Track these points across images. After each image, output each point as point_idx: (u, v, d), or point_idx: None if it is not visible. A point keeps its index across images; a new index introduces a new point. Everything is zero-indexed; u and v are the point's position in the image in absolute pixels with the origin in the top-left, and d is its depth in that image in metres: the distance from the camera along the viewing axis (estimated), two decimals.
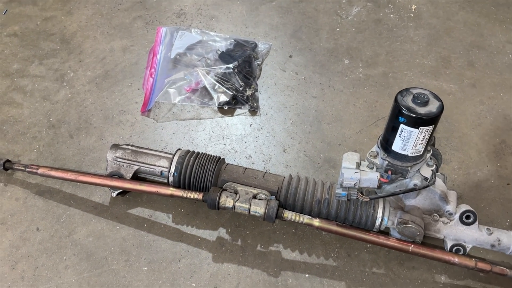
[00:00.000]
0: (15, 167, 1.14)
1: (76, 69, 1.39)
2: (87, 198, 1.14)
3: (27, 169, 1.12)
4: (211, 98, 1.30)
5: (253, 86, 1.31)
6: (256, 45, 1.40)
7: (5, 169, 1.15)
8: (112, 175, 1.10)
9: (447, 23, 1.52)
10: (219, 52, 1.37)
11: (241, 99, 1.29)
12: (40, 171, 1.11)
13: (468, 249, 1.03)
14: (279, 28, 1.51)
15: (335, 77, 1.39)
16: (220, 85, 1.29)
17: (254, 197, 1.02)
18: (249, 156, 1.23)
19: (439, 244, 1.05)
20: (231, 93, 1.29)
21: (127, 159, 1.10)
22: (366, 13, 1.55)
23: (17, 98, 1.32)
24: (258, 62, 1.38)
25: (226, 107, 1.30)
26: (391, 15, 1.55)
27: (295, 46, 1.46)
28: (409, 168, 0.94)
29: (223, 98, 1.29)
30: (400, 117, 0.88)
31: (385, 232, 1.04)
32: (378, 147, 0.97)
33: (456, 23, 1.53)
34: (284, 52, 1.45)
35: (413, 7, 1.54)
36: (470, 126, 1.29)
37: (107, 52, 1.44)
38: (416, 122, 0.87)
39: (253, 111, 1.31)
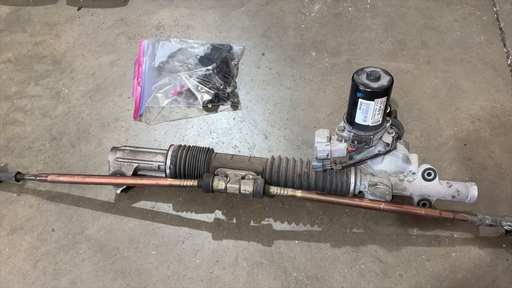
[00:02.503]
0: (26, 177, 1.26)
1: (70, 86, 1.52)
2: (94, 198, 1.27)
3: (37, 178, 1.24)
4: (196, 98, 1.44)
5: (232, 84, 1.46)
6: (231, 47, 1.55)
7: (17, 180, 1.27)
8: (115, 174, 1.23)
9: (400, 10, 1.69)
10: (198, 57, 1.51)
11: (222, 96, 1.43)
12: (49, 178, 1.23)
13: (433, 202, 1.18)
14: (250, 30, 1.66)
15: (305, 69, 1.54)
16: (202, 86, 1.43)
17: (243, 178, 1.16)
18: (235, 146, 1.37)
19: (408, 202, 1.20)
20: (213, 92, 1.43)
21: (127, 158, 1.23)
22: (327, 9, 1.71)
23: (19, 117, 1.45)
24: (235, 62, 1.53)
25: (210, 105, 1.44)
26: (350, 8, 1.71)
27: (266, 45, 1.61)
28: (372, 136, 1.09)
29: (207, 97, 1.43)
30: (358, 93, 1.03)
31: (360, 197, 1.19)
32: (344, 122, 1.12)
33: (408, 9, 1.69)
34: (257, 51, 1.60)
35: None
36: (427, 98, 1.45)
37: (96, 67, 1.57)
38: (371, 95, 1.02)
39: (235, 106, 1.45)
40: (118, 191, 1.26)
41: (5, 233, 1.21)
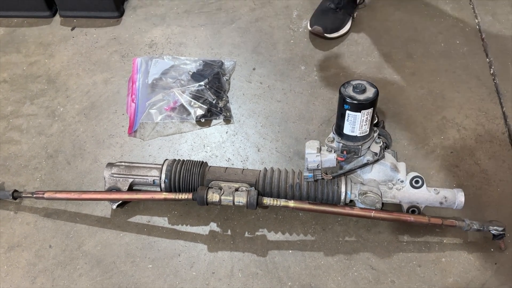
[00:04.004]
0: (23, 195, 1.28)
1: (65, 104, 1.55)
2: (90, 214, 1.29)
3: (34, 195, 1.26)
4: (189, 113, 1.47)
5: (224, 98, 1.50)
6: (222, 63, 1.59)
7: (14, 198, 1.29)
8: (110, 190, 1.25)
9: (385, 24, 1.75)
10: (191, 73, 1.55)
11: (215, 111, 1.47)
12: (46, 195, 1.25)
13: (422, 209, 1.21)
14: (240, 46, 1.70)
15: (295, 82, 1.58)
16: (195, 101, 1.47)
17: (237, 190, 1.19)
18: (229, 159, 1.41)
19: (398, 209, 1.23)
20: (206, 107, 1.46)
21: (122, 174, 1.26)
22: None
23: (15, 136, 1.47)
24: (226, 78, 1.57)
25: (203, 120, 1.47)
26: None
27: (257, 60, 1.66)
28: (360, 146, 1.13)
29: (199, 112, 1.46)
30: (345, 105, 1.07)
31: (351, 206, 1.22)
32: (333, 133, 1.16)
33: (393, 23, 1.75)
34: (248, 66, 1.64)
35: (355, 14, 1.76)
36: (414, 108, 1.50)
37: (91, 85, 1.60)
38: (358, 107, 1.06)
39: (227, 120, 1.48)
40: (114, 206, 1.28)
41: (3, 251, 1.23)
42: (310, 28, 1.67)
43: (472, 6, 1.80)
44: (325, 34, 1.65)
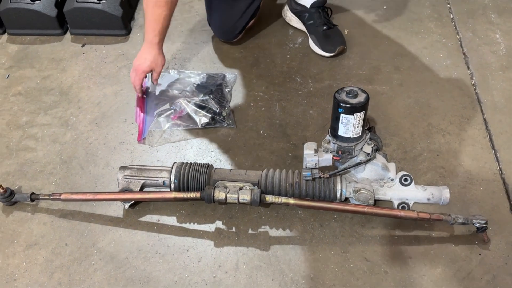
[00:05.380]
0: (41, 197, 1.37)
1: (77, 115, 1.66)
2: (103, 214, 1.38)
3: (51, 197, 1.35)
4: (194, 121, 1.58)
5: (227, 108, 1.61)
6: (224, 76, 1.71)
7: (32, 200, 1.38)
8: (123, 191, 1.35)
9: (374, 40, 1.89)
10: (195, 85, 1.67)
11: (218, 119, 1.58)
12: (62, 196, 1.34)
13: (411, 205, 1.32)
14: (241, 61, 1.83)
15: (292, 93, 1.71)
16: (200, 110, 1.58)
17: (241, 188, 1.29)
18: (232, 163, 1.51)
19: (389, 206, 1.34)
20: (210, 116, 1.58)
21: (134, 176, 1.35)
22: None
23: (30, 144, 1.57)
24: (228, 89, 1.68)
25: (207, 127, 1.58)
26: None
27: (256, 73, 1.78)
28: (353, 147, 1.24)
29: (204, 120, 1.57)
30: (339, 109, 1.19)
31: (346, 203, 1.33)
32: (329, 135, 1.27)
33: (381, 39, 1.89)
34: (248, 79, 1.76)
35: (346, 31, 1.91)
36: (402, 116, 1.62)
37: (101, 97, 1.71)
38: (351, 110, 1.18)
39: (230, 127, 1.60)
40: (126, 206, 1.37)
41: (21, 249, 1.31)
42: (330, 54, 1.78)
43: (454, 23, 1.96)
44: (345, 47, 1.79)
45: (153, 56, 1.55)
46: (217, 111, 1.59)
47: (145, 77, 1.61)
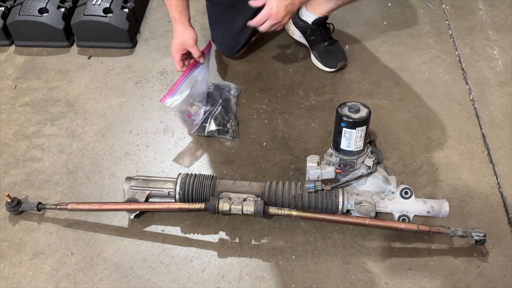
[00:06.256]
0: (47, 207, 1.39)
1: (83, 125, 1.69)
2: (109, 224, 1.40)
3: (57, 207, 1.38)
4: (202, 127, 1.62)
5: (231, 120, 1.64)
6: (230, 88, 1.75)
7: (38, 209, 1.40)
8: (129, 201, 1.37)
9: (375, 55, 1.93)
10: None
11: (223, 130, 1.62)
12: (69, 206, 1.37)
13: (411, 217, 1.34)
14: (245, 74, 1.87)
15: (294, 106, 1.74)
16: (206, 119, 1.61)
17: (245, 200, 1.32)
18: (235, 174, 1.54)
19: (390, 218, 1.37)
20: (216, 127, 1.61)
21: (140, 186, 1.38)
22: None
23: (37, 154, 1.59)
24: (234, 101, 1.72)
25: (211, 136, 1.61)
26: None
27: (260, 86, 1.82)
28: (355, 160, 1.28)
29: (210, 128, 1.60)
30: (341, 123, 1.22)
31: (348, 215, 1.35)
32: (331, 148, 1.30)
33: (381, 54, 1.94)
34: (252, 91, 1.80)
35: (347, 47, 1.95)
36: (402, 130, 1.66)
37: (107, 109, 1.74)
38: (353, 124, 1.21)
39: (234, 139, 1.63)
40: (132, 216, 1.39)
41: (28, 258, 1.33)
42: (331, 69, 1.82)
43: (453, 39, 2.00)
44: (346, 63, 1.84)
45: (178, 32, 1.55)
46: (223, 122, 1.62)
47: (185, 58, 1.60)
